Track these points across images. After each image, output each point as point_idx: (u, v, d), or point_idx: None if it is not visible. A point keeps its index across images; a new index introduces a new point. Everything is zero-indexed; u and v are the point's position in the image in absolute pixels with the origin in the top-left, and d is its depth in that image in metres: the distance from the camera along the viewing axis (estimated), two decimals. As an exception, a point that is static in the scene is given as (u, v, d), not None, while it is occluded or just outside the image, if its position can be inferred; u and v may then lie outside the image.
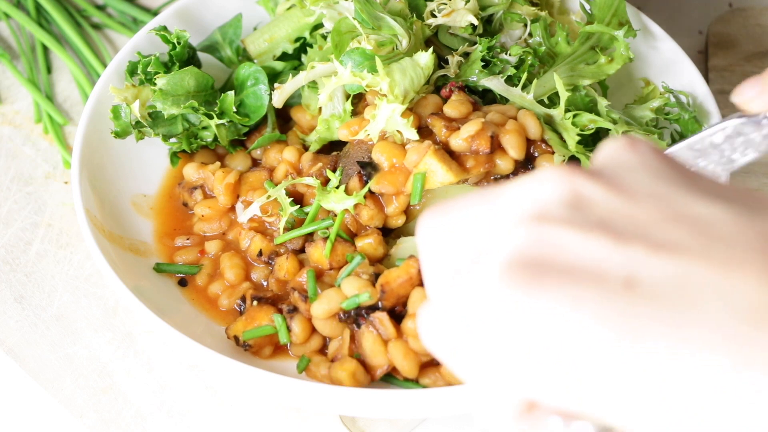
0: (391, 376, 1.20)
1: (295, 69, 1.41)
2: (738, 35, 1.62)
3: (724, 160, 1.04)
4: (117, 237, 1.31)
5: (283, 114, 1.41)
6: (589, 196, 0.69)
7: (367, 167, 1.26)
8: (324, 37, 1.38)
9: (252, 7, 1.49)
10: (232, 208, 1.34)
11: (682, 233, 0.67)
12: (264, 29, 1.43)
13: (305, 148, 1.37)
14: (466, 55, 1.34)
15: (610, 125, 1.29)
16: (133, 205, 1.37)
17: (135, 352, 1.31)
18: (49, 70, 1.60)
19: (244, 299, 1.26)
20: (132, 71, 1.36)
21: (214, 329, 1.26)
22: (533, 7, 1.38)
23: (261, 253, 1.29)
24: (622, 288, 0.65)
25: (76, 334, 1.33)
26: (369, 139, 1.27)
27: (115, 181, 1.37)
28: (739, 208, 0.68)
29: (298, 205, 1.29)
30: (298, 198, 1.31)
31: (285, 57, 1.42)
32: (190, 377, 1.29)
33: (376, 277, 1.20)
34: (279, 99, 1.35)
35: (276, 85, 1.35)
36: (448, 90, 1.30)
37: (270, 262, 1.29)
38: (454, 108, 1.27)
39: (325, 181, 1.29)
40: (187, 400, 1.27)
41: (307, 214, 1.28)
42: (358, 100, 1.33)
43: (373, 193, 1.26)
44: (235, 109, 1.35)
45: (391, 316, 1.18)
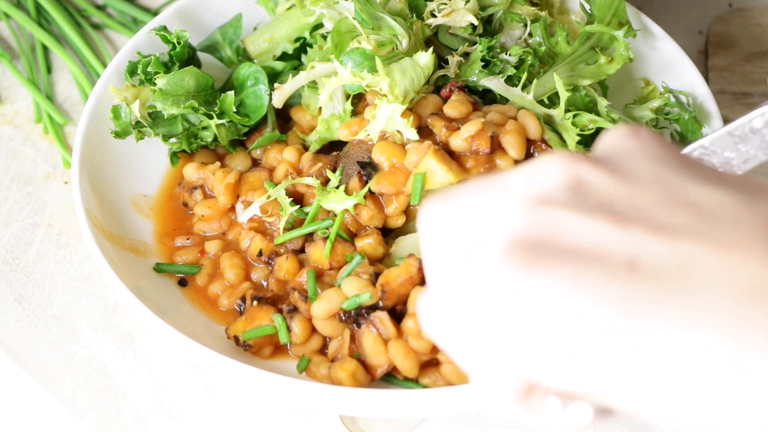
0: (391, 375, 1.20)
1: (295, 69, 1.40)
2: (738, 35, 1.61)
3: (764, 144, 1.04)
4: (117, 237, 1.31)
5: (283, 114, 1.41)
6: (591, 181, 0.69)
7: (367, 167, 1.26)
8: (324, 37, 1.38)
9: (252, 7, 1.49)
10: (232, 208, 1.34)
11: (683, 216, 0.67)
12: (264, 29, 1.43)
13: (305, 148, 1.37)
14: (466, 55, 1.34)
15: (610, 125, 1.29)
16: (133, 205, 1.37)
17: (135, 352, 1.31)
18: (49, 70, 1.60)
19: (244, 299, 1.26)
20: (132, 71, 1.36)
21: (214, 329, 1.26)
22: (533, 7, 1.38)
23: (261, 253, 1.29)
24: (622, 270, 0.65)
25: (76, 334, 1.33)
26: (369, 139, 1.27)
27: (115, 181, 1.37)
28: (740, 193, 0.68)
29: (298, 205, 1.29)
30: (298, 198, 1.31)
31: (285, 57, 1.42)
32: (190, 377, 1.29)
33: (376, 277, 1.20)
34: (279, 99, 1.35)
35: (276, 85, 1.35)
36: (448, 90, 1.30)
37: (270, 262, 1.29)
38: (454, 108, 1.27)
39: (325, 181, 1.29)
40: (187, 400, 1.27)
41: (307, 214, 1.28)
42: (358, 100, 1.33)
43: (373, 193, 1.26)
44: (235, 109, 1.35)
45: (391, 316, 1.18)
